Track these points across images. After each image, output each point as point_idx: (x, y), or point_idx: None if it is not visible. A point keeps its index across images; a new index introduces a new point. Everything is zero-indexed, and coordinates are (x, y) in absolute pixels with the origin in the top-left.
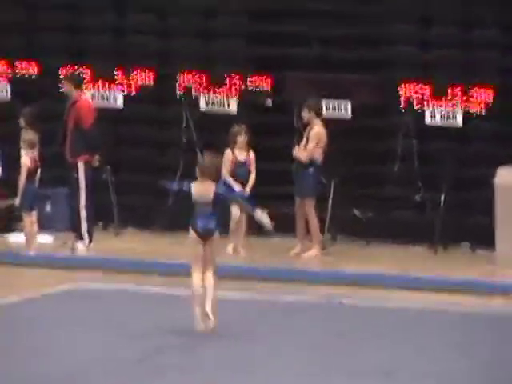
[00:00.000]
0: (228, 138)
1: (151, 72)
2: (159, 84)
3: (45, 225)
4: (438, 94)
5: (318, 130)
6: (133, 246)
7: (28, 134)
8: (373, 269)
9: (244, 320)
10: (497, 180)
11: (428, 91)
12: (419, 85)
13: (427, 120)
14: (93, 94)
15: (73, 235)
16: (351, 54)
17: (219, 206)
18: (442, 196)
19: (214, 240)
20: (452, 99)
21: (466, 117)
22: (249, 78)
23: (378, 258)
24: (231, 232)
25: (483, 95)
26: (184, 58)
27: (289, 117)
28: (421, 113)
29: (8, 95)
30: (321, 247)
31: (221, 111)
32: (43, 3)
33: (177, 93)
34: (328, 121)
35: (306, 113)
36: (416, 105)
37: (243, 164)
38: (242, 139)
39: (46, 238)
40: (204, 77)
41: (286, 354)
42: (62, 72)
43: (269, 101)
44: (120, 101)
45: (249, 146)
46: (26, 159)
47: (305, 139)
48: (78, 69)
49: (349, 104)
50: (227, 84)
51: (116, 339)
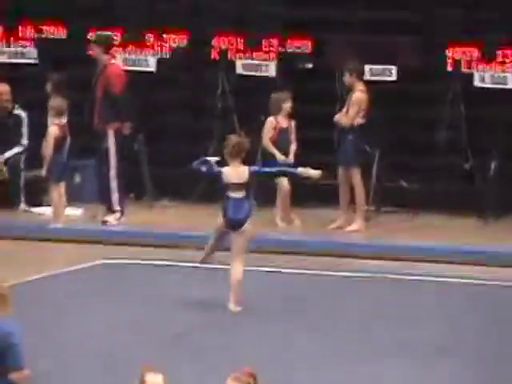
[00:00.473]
0: (271, 105)
1: (184, 34)
2: (193, 47)
3: (73, 197)
4: (488, 56)
5: (360, 95)
6: (168, 219)
7: (56, 101)
8: (420, 241)
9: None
10: None
11: (477, 53)
12: (467, 47)
13: (476, 83)
14: (123, 58)
15: (103, 208)
16: (396, 16)
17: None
18: (493, 164)
19: (246, 231)
20: (503, 61)
21: None
22: (288, 41)
23: (426, 230)
24: (279, 204)
25: None
26: (219, 20)
27: (330, 82)
28: (469, 76)
29: (34, 60)
30: (365, 219)
31: (258, 75)
32: None
33: (211, 56)
34: (372, 86)
35: (348, 77)
36: (464, 68)
37: (285, 131)
38: (288, 105)
39: (75, 211)
40: (240, 39)
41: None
42: (91, 35)
43: (309, 64)
44: (152, 65)
45: (290, 114)
46: (54, 128)
47: (346, 105)
48: (108, 31)
49: (394, 68)
50: (265, 47)
51: (151, 316)
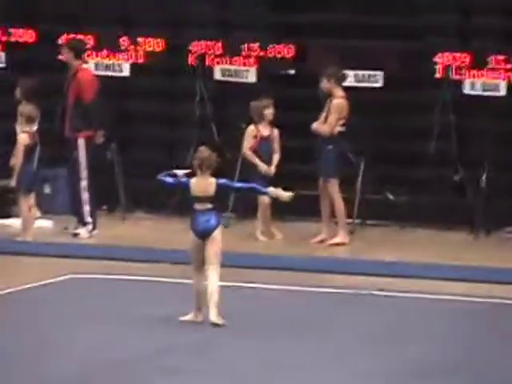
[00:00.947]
0: (252, 112)
1: (161, 39)
2: (169, 52)
3: (44, 209)
4: (479, 64)
5: (340, 101)
6: (141, 233)
7: (26, 108)
8: (407, 257)
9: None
10: None
11: (468, 59)
12: (458, 54)
13: (466, 91)
14: (96, 64)
15: (74, 220)
16: (383, 21)
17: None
18: (484, 176)
19: (216, 238)
20: (494, 68)
21: (510, 89)
22: (269, 46)
23: (413, 245)
24: (260, 217)
25: None
26: (197, 24)
27: (313, 89)
28: (459, 84)
29: (3, 65)
30: (348, 232)
31: (238, 82)
32: None
33: (189, 61)
34: (358, 92)
35: (326, 83)
36: (454, 76)
37: (267, 140)
38: (270, 113)
39: (45, 224)
40: (219, 44)
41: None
42: (62, 40)
43: (291, 70)
44: (126, 71)
45: (272, 122)
46: (24, 135)
47: (325, 112)
48: (80, 35)
49: (380, 75)
50: (245, 52)
51: (121, 334)
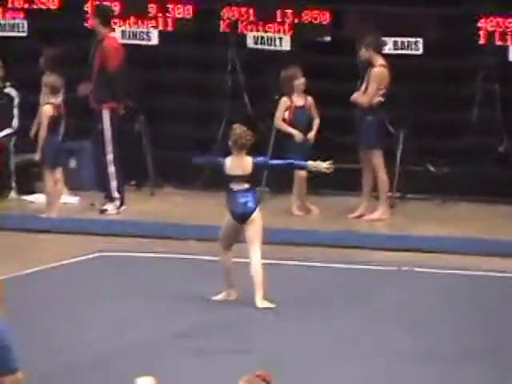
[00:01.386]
0: (282, 84)
1: (190, 5)
2: (200, 18)
3: (70, 184)
4: None
5: (380, 70)
6: (170, 208)
7: (50, 78)
8: (449, 231)
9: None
10: None
11: None
12: (501, 17)
13: (511, 58)
14: (123, 32)
15: (101, 196)
16: None
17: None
18: None
19: (256, 220)
20: None
21: None
22: (303, 12)
23: (454, 219)
24: (295, 192)
25: None
26: None
27: (349, 57)
28: (503, 51)
29: (25, 33)
30: (389, 207)
31: (271, 50)
32: None
33: (220, 29)
34: (397, 60)
35: (364, 51)
36: (498, 41)
37: (302, 109)
38: (300, 82)
39: (71, 199)
40: (252, 10)
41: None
42: (88, 6)
43: (327, 37)
44: (155, 39)
45: (305, 90)
46: (48, 107)
47: (365, 82)
48: (106, 2)
49: (420, 42)
50: (279, 18)
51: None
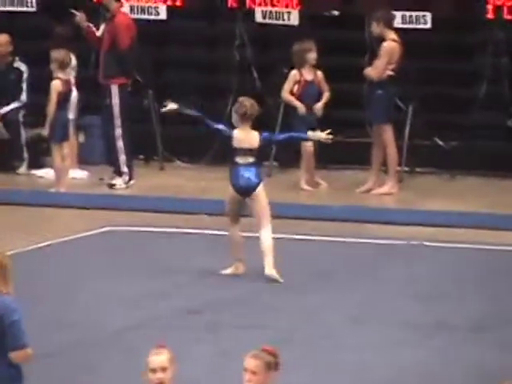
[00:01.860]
0: (294, 56)
1: None
2: None
3: (78, 158)
4: None
5: (391, 44)
6: (179, 183)
7: (59, 53)
8: (458, 206)
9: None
10: None
11: None
12: None
13: None
14: (131, 7)
15: (110, 170)
16: None
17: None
18: None
19: (260, 195)
20: None
21: None
22: None
23: (464, 194)
24: (303, 166)
25: None
26: None
27: (359, 31)
28: None
29: (33, 9)
30: (397, 181)
31: (280, 24)
32: None
33: (228, 3)
34: (404, 34)
35: (375, 26)
36: (507, 15)
37: (311, 84)
38: (313, 56)
39: (80, 174)
40: None
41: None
42: None
43: (335, 11)
44: (163, 14)
45: (315, 65)
46: (57, 82)
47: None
48: None
49: (428, 15)
50: None
51: (160, 288)
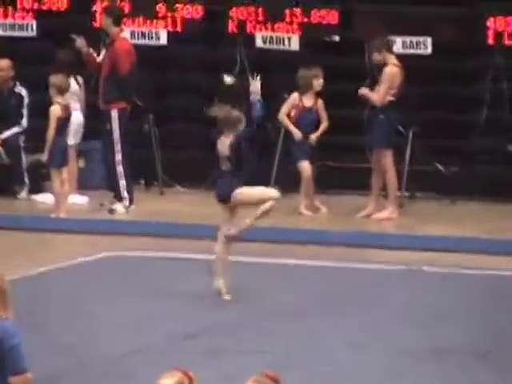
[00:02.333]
0: (299, 81)
1: (199, 5)
2: (208, 19)
3: (78, 184)
4: None
5: (391, 68)
6: (179, 208)
7: (58, 78)
8: (458, 232)
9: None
10: None
11: None
12: (510, 17)
13: None
14: (132, 32)
15: (110, 195)
16: None
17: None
18: None
19: (238, 196)
20: None
21: None
22: (312, 11)
23: (464, 219)
24: (303, 191)
25: None
26: None
27: (359, 56)
28: None
29: (34, 34)
30: (397, 206)
31: (280, 49)
32: None
33: (229, 29)
34: (405, 60)
35: (377, 55)
36: (506, 41)
37: (309, 111)
38: (320, 83)
39: (80, 199)
40: (260, 10)
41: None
42: (96, 6)
43: (335, 37)
44: (163, 39)
45: (318, 92)
46: (56, 108)
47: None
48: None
49: (429, 41)
50: (287, 18)
51: (163, 312)
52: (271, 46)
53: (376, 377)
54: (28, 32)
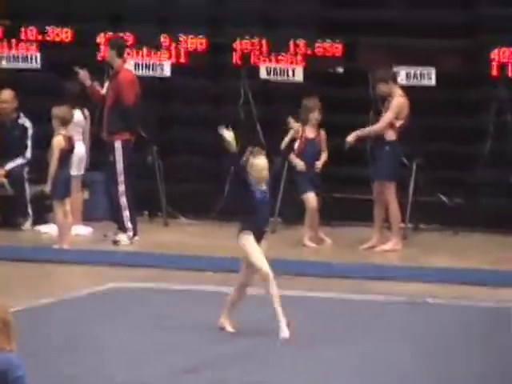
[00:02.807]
0: (301, 112)
1: (203, 38)
2: (212, 51)
3: (82, 215)
4: None
5: (399, 100)
6: (184, 239)
7: (60, 109)
8: (461, 263)
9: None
10: None
11: None
12: None
13: None
14: (136, 63)
15: (114, 226)
16: (435, 17)
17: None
18: None
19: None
20: None
21: None
22: (316, 44)
23: (468, 251)
24: (307, 222)
25: None
26: (241, 21)
27: (363, 88)
28: None
29: (38, 66)
30: (401, 238)
31: (284, 81)
32: None
33: (233, 61)
34: (409, 91)
35: (382, 87)
36: (510, 74)
37: (312, 142)
38: (316, 117)
39: (84, 230)
40: (264, 42)
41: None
42: (101, 38)
43: (340, 69)
44: (167, 71)
45: (319, 124)
46: (59, 139)
47: (384, 112)
48: (119, 34)
49: (433, 73)
50: (291, 50)
51: (166, 346)
52: (275, 78)
53: None
54: (32, 64)
